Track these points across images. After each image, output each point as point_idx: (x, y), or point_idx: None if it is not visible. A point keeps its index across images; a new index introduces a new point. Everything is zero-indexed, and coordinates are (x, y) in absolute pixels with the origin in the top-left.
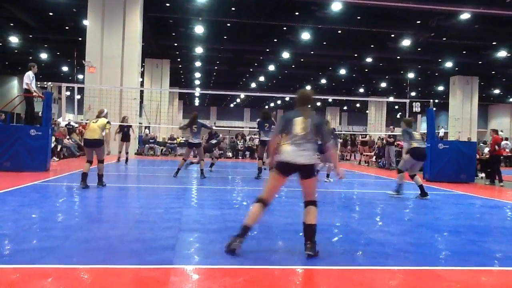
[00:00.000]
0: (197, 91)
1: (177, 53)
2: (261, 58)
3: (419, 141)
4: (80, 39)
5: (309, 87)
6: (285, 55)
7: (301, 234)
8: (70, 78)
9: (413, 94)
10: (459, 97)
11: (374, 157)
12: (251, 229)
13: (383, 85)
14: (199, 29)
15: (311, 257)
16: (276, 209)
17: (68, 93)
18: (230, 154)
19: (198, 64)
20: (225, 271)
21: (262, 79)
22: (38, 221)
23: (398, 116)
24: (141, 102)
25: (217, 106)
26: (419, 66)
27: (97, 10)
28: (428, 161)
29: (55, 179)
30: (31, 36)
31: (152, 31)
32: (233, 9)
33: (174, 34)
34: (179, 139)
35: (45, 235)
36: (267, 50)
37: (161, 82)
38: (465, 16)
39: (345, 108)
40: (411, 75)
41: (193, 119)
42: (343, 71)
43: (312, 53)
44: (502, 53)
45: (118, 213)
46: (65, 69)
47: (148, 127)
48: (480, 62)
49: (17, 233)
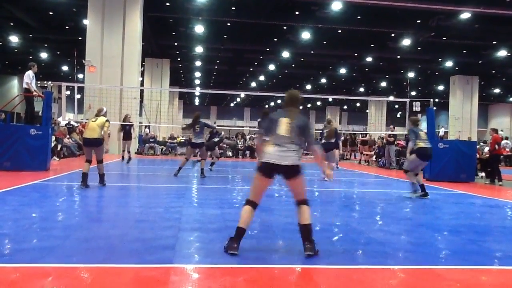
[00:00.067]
0: (197, 91)
1: (177, 52)
2: (261, 57)
3: (425, 140)
4: (80, 38)
5: (309, 87)
6: (285, 54)
7: None
8: (70, 77)
9: (413, 93)
10: (459, 97)
11: (374, 157)
12: (245, 231)
13: (383, 84)
14: (199, 29)
15: (311, 256)
16: (276, 208)
17: (68, 93)
18: (230, 153)
19: (198, 63)
20: (225, 270)
21: (262, 78)
22: (38, 220)
23: (398, 115)
24: (141, 101)
25: (217, 105)
26: (419, 65)
27: (97, 9)
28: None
29: (55, 179)
30: (31, 35)
31: (152, 31)
32: (233, 8)
33: (174, 33)
34: (179, 139)
35: (45, 235)
36: (267, 49)
37: (161, 81)
38: (465, 15)
39: (345, 107)
40: (411, 75)
41: (195, 119)
42: (343, 71)
43: (312, 52)
44: (502, 53)
45: (118, 212)
46: (65, 68)
47: (148, 127)
48: (480, 61)
49: (17, 232)
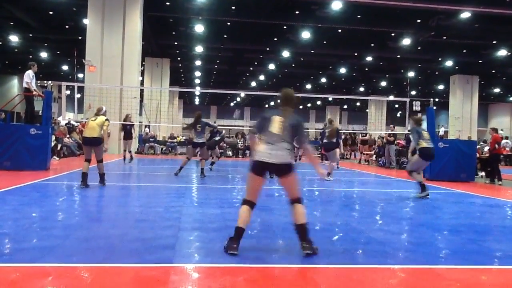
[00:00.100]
0: (197, 90)
1: (177, 52)
2: (261, 57)
3: (428, 140)
4: (80, 38)
5: (309, 86)
6: (285, 54)
7: None
8: (70, 77)
9: (413, 93)
10: (459, 96)
11: (374, 156)
12: (244, 231)
13: (383, 84)
14: (199, 28)
15: (310, 255)
16: (276, 208)
17: (68, 92)
18: (230, 153)
19: (198, 63)
20: (225, 270)
21: (262, 78)
22: (38, 220)
23: (398, 115)
24: (141, 101)
25: (217, 105)
26: (419, 65)
27: (97, 9)
28: None
29: (55, 178)
30: (31, 35)
31: (152, 30)
32: (233, 8)
33: (174, 33)
34: (179, 138)
35: (45, 234)
36: (267, 49)
37: (161, 81)
38: (465, 15)
39: (345, 107)
40: (411, 74)
41: (197, 118)
42: (343, 70)
43: (312, 52)
44: (502, 52)
45: (118, 212)
46: (65, 68)
47: (148, 126)
48: (480, 61)
49: (17, 232)
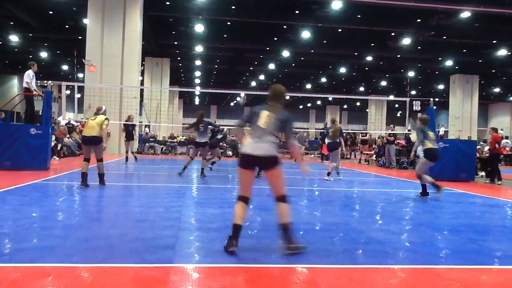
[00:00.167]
0: (197, 90)
1: (177, 51)
2: (261, 56)
3: (433, 141)
4: (80, 38)
5: (309, 86)
6: (285, 53)
7: (301, 232)
8: (70, 77)
9: (413, 92)
10: (459, 96)
11: (374, 156)
12: (241, 227)
13: (383, 83)
14: (199, 28)
15: (292, 255)
16: (276, 208)
17: (68, 92)
18: (230, 153)
19: (198, 63)
20: (225, 270)
21: (262, 77)
22: (38, 220)
23: (398, 114)
24: (141, 100)
25: (217, 105)
26: (419, 64)
27: (97, 9)
28: None
29: (55, 178)
30: (31, 35)
31: (152, 30)
32: (233, 7)
33: (174, 33)
34: (179, 138)
35: (45, 234)
36: (267, 48)
37: (161, 80)
38: (466, 14)
39: (345, 106)
40: (411, 74)
41: (199, 118)
42: (343, 70)
43: (312, 51)
44: (502, 52)
45: (118, 212)
46: (65, 68)
47: (148, 126)
48: (480, 60)
49: (17, 232)
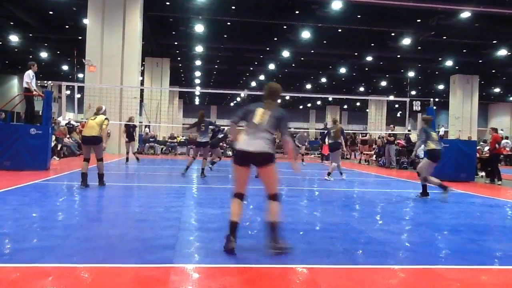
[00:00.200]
0: (197, 90)
1: (177, 52)
2: (261, 57)
3: (436, 142)
4: (80, 38)
5: (309, 86)
6: (285, 54)
7: (301, 232)
8: (70, 77)
9: (413, 93)
10: (459, 96)
11: (374, 156)
12: (238, 224)
13: (383, 84)
14: (199, 28)
15: (277, 254)
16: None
17: (68, 92)
18: (230, 153)
19: (198, 63)
20: (225, 270)
21: (262, 78)
22: (38, 220)
23: (398, 115)
24: (141, 101)
25: (217, 105)
26: (419, 65)
27: (97, 9)
28: None
29: (55, 178)
30: (31, 35)
31: (152, 30)
32: (233, 7)
33: (174, 33)
34: (179, 138)
35: (45, 234)
36: (267, 49)
37: (161, 81)
38: (466, 14)
39: (345, 107)
40: (411, 74)
41: (200, 117)
42: (343, 70)
43: (312, 52)
44: (502, 52)
45: (118, 212)
46: (65, 68)
47: (148, 126)
48: (480, 60)
49: (18, 232)
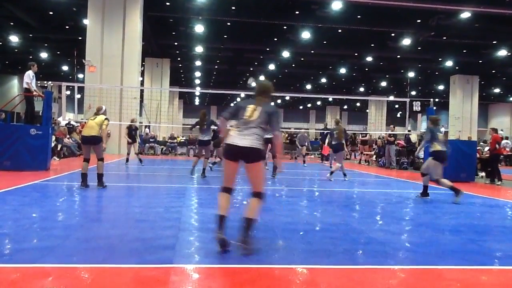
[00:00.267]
0: (197, 90)
1: (177, 52)
2: (261, 57)
3: (442, 143)
4: (80, 38)
5: (309, 86)
6: (285, 54)
7: (301, 233)
8: (70, 77)
9: (413, 93)
10: (459, 96)
11: (374, 156)
12: (225, 218)
13: (383, 84)
14: (199, 28)
15: (243, 254)
16: (276, 208)
17: (68, 93)
18: None
19: (198, 63)
20: (225, 270)
21: (262, 78)
22: (38, 220)
23: (398, 115)
24: (141, 101)
25: (217, 105)
26: (420, 65)
27: (97, 9)
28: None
29: (55, 179)
30: (31, 35)
31: (152, 30)
32: (233, 8)
33: (174, 33)
34: (179, 138)
35: (45, 235)
36: (267, 49)
37: (161, 81)
38: (466, 15)
39: (345, 107)
40: (411, 74)
41: (202, 116)
42: (343, 70)
43: (312, 52)
44: (502, 52)
45: (118, 212)
46: (65, 68)
47: (148, 126)
48: (480, 61)
49: (17, 232)
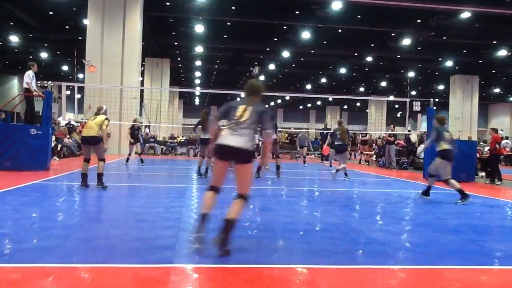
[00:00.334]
0: (197, 90)
1: (177, 52)
2: (261, 57)
3: (448, 142)
4: (80, 38)
5: (309, 86)
6: (285, 54)
7: (301, 233)
8: (70, 77)
9: (414, 93)
10: (459, 96)
11: (374, 156)
12: (208, 216)
13: (383, 84)
14: (199, 28)
15: (220, 255)
16: (276, 208)
17: (68, 93)
18: None
19: (198, 63)
20: (225, 270)
21: (262, 78)
22: (38, 220)
23: (398, 115)
24: (141, 101)
25: (217, 105)
26: (420, 65)
27: (97, 9)
28: (428, 160)
29: (55, 178)
30: (31, 35)
31: (152, 30)
32: (233, 8)
33: (174, 33)
34: (179, 138)
35: (45, 234)
36: (267, 49)
37: (161, 81)
38: (466, 15)
39: (345, 107)
40: (411, 74)
41: (204, 116)
42: (343, 70)
43: (312, 52)
44: (502, 52)
45: (118, 212)
46: (65, 68)
47: (148, 126)
48: (480, 61)
49: (18, 232)
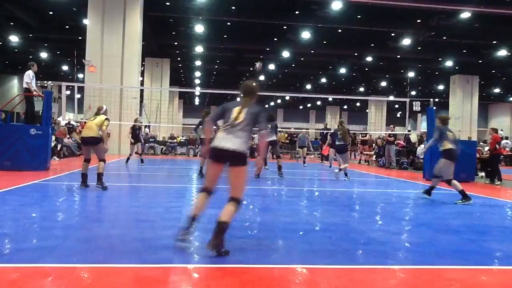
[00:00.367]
0: (197, 90)
1: (177, 52)
2: (262, 57)
3: (452, 141)
4: (80, 38)
5: (309, 86)
6: (285, 54)
7: (301, 233)
8: (70, 77)
9: (413, 93)
10: (459, 96)
11: (374, 156)
12: (197, 219)
13: (383, 84)
14: (199, 28)
15: (219, 255)
16: (276, 208)
17: (68, 92)
18: None
19: (198, 63)
20: (225, 270)
21: (262, 78)
22: (38, 220)
23: (398, 115)
24: (141, 101)
25: (217, 105)
26: (419, 65)
27: (97, 9)
28: (428, 160)
29: (55, 178)
30: (31, 35)
31: (152, 30)
32: (233, 8)
33: (174, 33)
34: (179, 138)
35: (45, 234)
36: (267, 49)
37: (161, 81)
38: (466, 15)
39: (345, 107)
40: (411, 74)
41: (205, 116)
42: (343, 70)
43: (312, 52)
44: (502, 52)
45: (118, 212)
46: (65, 68)
47: (148, 126)
48: (480, 61)
49: (17, 232)
